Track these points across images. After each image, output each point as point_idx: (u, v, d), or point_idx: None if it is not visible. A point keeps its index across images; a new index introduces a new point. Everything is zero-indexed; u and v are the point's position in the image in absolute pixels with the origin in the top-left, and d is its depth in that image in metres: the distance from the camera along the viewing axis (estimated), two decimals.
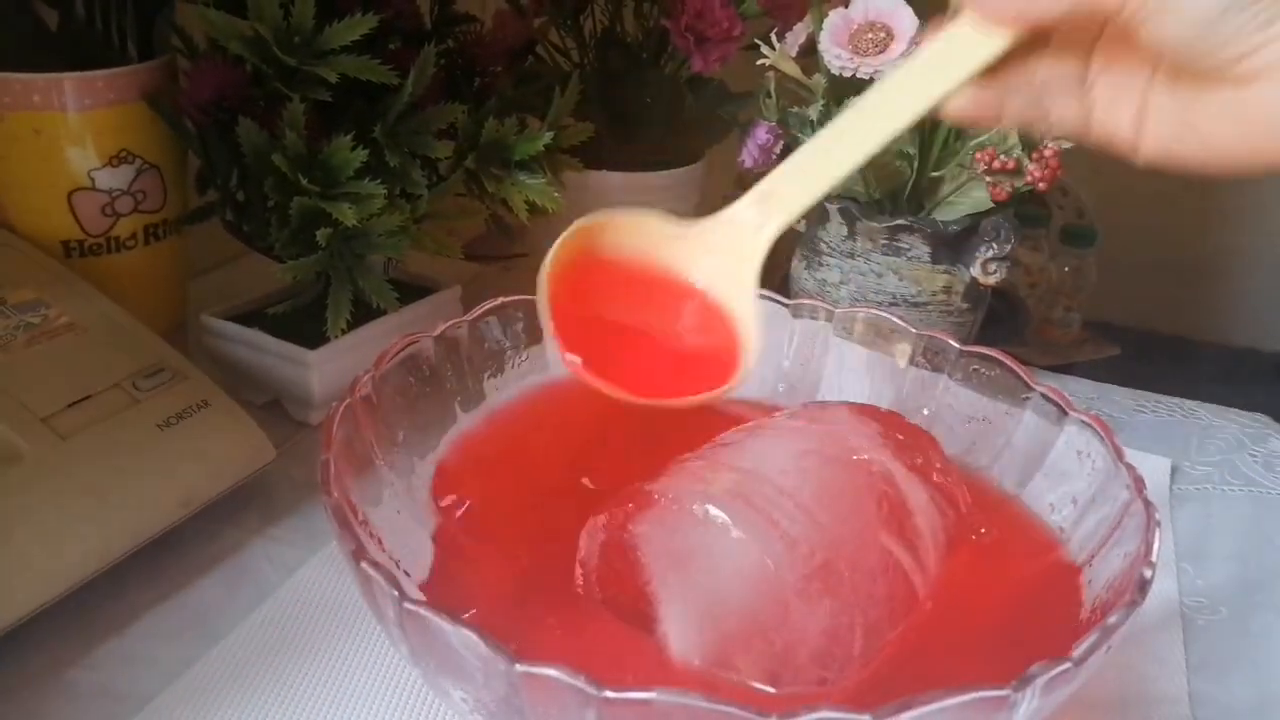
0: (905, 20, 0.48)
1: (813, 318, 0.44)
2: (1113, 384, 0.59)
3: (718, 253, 0.34)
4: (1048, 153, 0.48)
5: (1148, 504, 0.32)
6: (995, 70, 0.31)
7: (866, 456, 0.34)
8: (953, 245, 0.52)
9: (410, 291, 0.53)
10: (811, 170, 0.34)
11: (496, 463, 0.39)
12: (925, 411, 0.42)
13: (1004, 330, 0.64)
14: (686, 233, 0.35)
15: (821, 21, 0.49)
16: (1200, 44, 0.27)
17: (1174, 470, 0.50)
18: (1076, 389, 0.58)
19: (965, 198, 0.52)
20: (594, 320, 0.34)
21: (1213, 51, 0.27)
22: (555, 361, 0.42)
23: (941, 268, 0.53)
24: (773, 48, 0.52)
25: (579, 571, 0.32)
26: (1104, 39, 0.31)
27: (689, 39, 0.56)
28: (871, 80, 0.49)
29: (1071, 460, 0.37)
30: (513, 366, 0.42)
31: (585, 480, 0.37)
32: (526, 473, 0.38)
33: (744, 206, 0.34)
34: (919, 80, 0.32)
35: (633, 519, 0.31)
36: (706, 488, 0.32)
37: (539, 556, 0.34)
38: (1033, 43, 0.31)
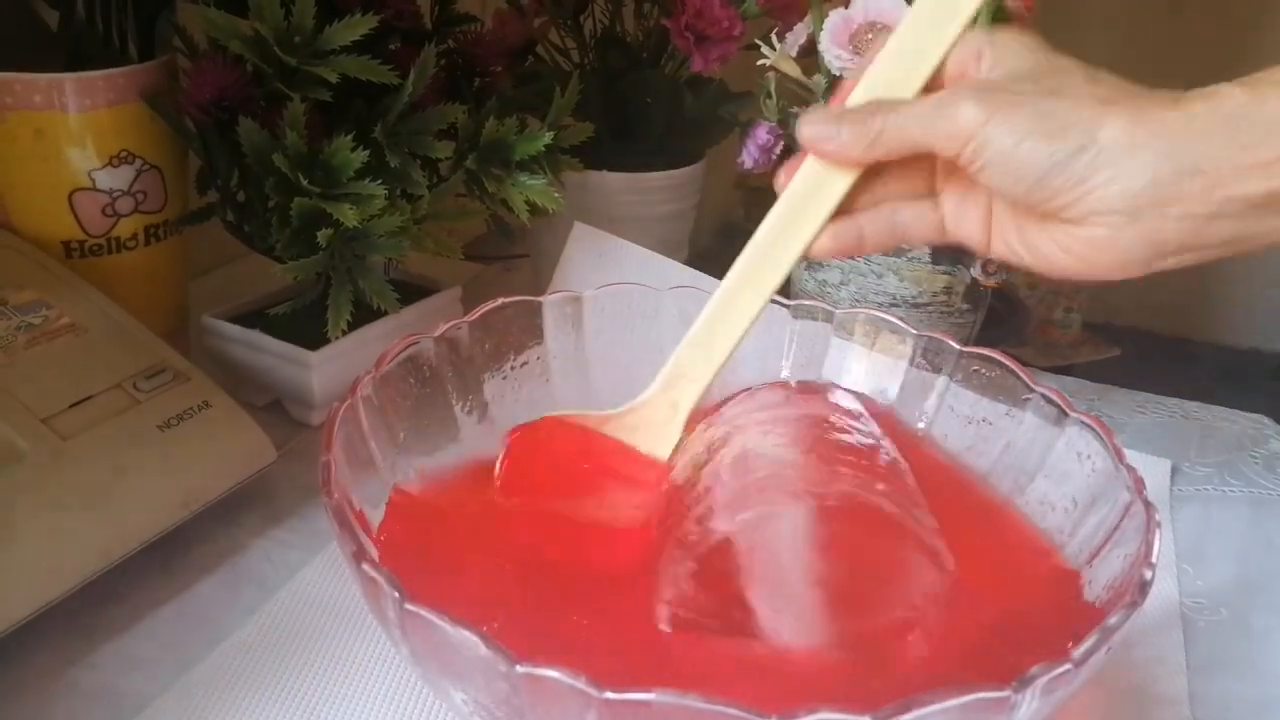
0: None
1: (813, 319, 0.44)
2: (1113, 385, 0.59)
3: (642, 436, 0.38)
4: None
5: (1148, 505, 0.32)
6: (849, 205, 0.34)
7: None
8: (953, 246, 0.52)
9: (411, 292, 0.54)
10: (709, 344, 0.37)
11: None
12: (925, 412, 0.42)
13: (1004, 331, 0.64)
14: (613, 424, 0.38)
15: (822, 21, 0.49)
16: (1028, 195, 0.30)
17: (1174, 471, 0.50)
18: (1077, 390, 0.58)
19: None
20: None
21: (1040, 201, 0.30)
22: (557, 373, 0.43)
23: (942, 268, 0.53)
24: (773, 48, 0.52)
25: (664, 611, 0.32)
26: (943, 163, 0.34)
27: (689, 39, 0.56)
28: None
29: (1072, 461, 0.37)
30: (513, 367, 0.42)
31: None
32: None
33: (658, 394, 0.37)
34: (782, 235, 0.35)
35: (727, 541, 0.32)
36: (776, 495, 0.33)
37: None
38: (878, 172, 0.34)
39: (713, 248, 0.74)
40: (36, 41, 0.50)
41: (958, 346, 0.41)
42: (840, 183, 0.34)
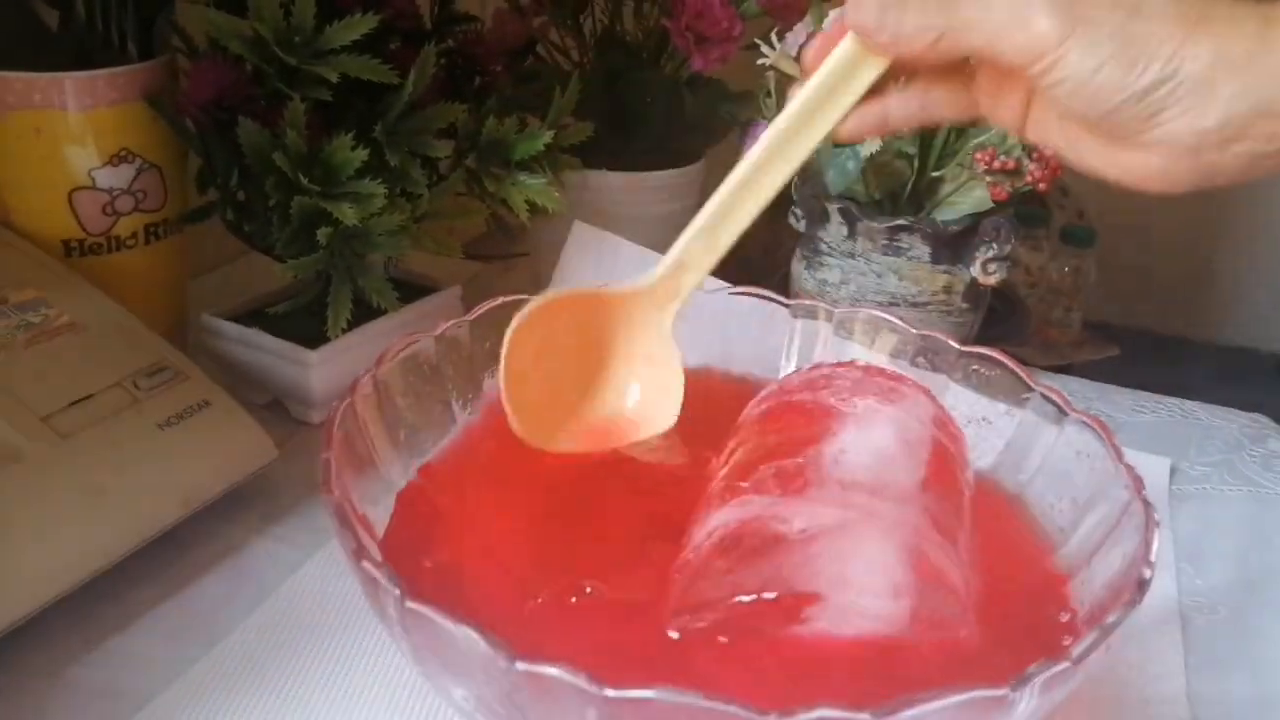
0: None
1: (813, 318, 0.44)
2: (1112, 384, 0.59)
3: (638, 320, 0.38)
4: (1048, 153, 0.49)
5: (1147, 504, 0.32)
6: (877, 87, 0.32)
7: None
8: (953, 245, 0.53)
9: (411, 291, 0.54)
10: (714, 235, 0.36)
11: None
12: None
13: (1004, 330, 0.64)
14: (613, 302, 0.38)
15: (821, 21, 0.49)
16: (1096, 118, 0.29)
17: (1173, 470, 0.50)
18: (1076, 389, 0.58)
19: (965, 198, 0.52)
20: (545, 393, 0.37)
21: (1104, 123, 0.29)
22: None
23: (941, 268, 0.53)
24: (773, 47, 0.52)
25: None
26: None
27: (689, 38, 0.56)
28: None
29: (1071, 460, 0.37)
30: None
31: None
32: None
33: (659, 282, 0.37)
34: (805, 122, 0.33)
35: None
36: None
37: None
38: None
39: None
40: (37, 41, 0.50)
41: (957, 346, 0.41)
42: (875, 69, 0.31)
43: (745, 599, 0.30)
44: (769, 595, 0.30)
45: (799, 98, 0.33)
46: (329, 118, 0.48)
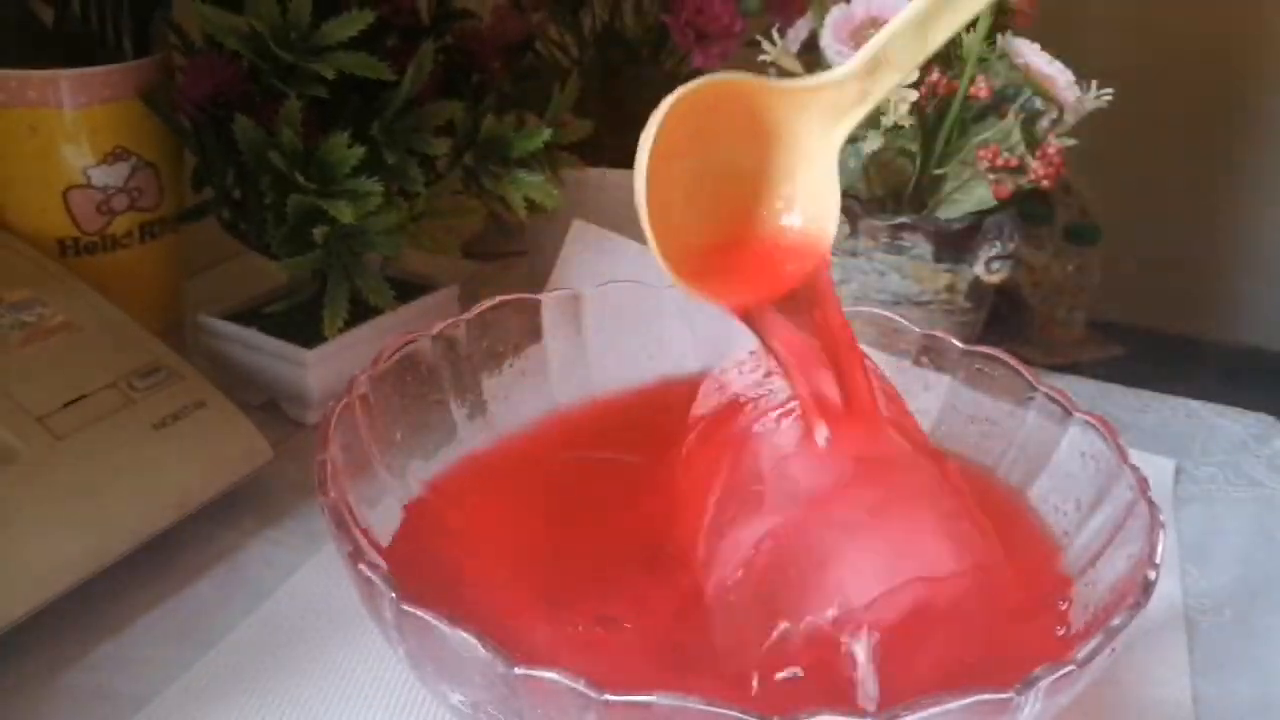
0: None
1: None
2: (1117, 384, 0.59)
3: (815, 117, 0.32)
4: (1051, 150, 0.48)
5: (1152, 505, 0.32)
6: None
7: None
8: (956, 244, 0.52)
9: (408, 290, 0.53)
10: (930, 24, 0.30)
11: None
12: (928, 411, 0.41)
13: (1007, 329, 0.63)
14: (784, 97, 0.31)
15: (823, 18, 0.49)
16: None
17: (1178, 471, 0.50)
18: (1080, 389, 0.58)
19: (968, 195, 0.52)
20: (689, 204, 0.31)
21: None
22: (556, 372, 0.42)
23: (944, 266, 0.52)
24: (774, 44, 0.52)
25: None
26: None
27: (689, 35, 0.56)
28: None
29: (1075, 461, 0.36)
30: (511, 366, 0.42)
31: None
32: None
33: (853, 77, 0.31)
34: None
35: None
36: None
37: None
38: None
39: None
40: (31, 37, 0.50)
41: (960, 345, 0.41)
42: None
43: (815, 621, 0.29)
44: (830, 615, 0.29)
45: None
46: (325, 115, 0.47)
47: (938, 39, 0.31)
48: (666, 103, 0.29)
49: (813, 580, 0.30)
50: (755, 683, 0.29)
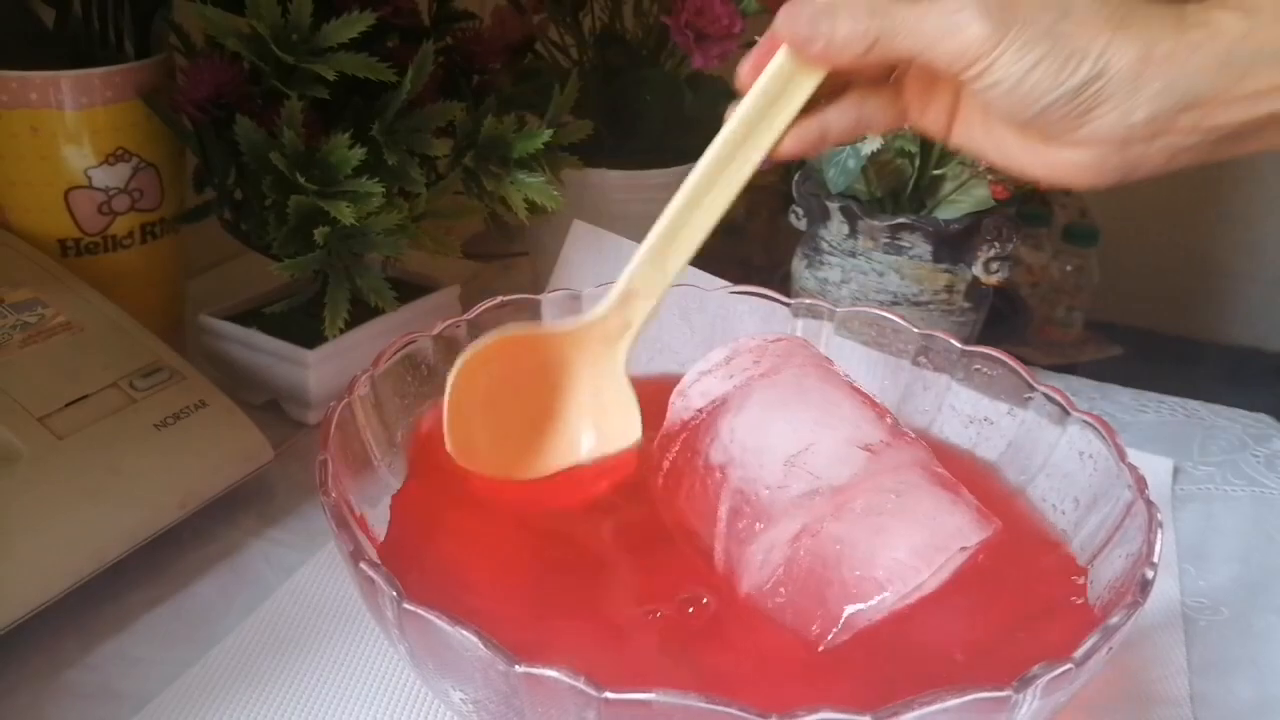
0: None
1: (814, 317, 0.44)
2: (1115, 384, 0.59)
3: (589, 359, 0.37)
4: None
5: (1150, 504, 0.32)
6: (813, 102, 0.32)
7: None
8: (954, 244, 0.52)
9: (408, 290, 0.53)
10: (663, 260, 0.35)
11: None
12: (927, 411, 0.41)
13: (1006, 330, 0.63)
14: (560, 340, 0.37)
15: None
16: (1026, 120, 0.29)
17: (1176, 470, 0.50)
18: (1079, 389, 0.58)
19: (967, 196, 0.52)
20: (493, 439, 0.36)
21: (1034, 124, 0.29)
22: None
23: (943, 266, 0.53)
24: None
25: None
26: (914, 67, 0.32)
27: (689, 36, 0.56)
28: None
29: (1074, 460, 0.36)
30: None
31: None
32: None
33: (611, 312, 0.36)
34: (744, 141, 0.33)
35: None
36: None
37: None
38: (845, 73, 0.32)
39: (712, 246, 0.74)
40: (33, 39, 0.50)
41: (959, 345, 0.41)
42: (811, 81, 0.32)
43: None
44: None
45: (736, 116, 0.33)
46: (326, 116, 0.47)
47: (676, 266, 0.35)
48: (460, 360, 0.34)
49: (858, 568, 0.31)
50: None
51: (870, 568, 0.31)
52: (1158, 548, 0.30)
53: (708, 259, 0.54)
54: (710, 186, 0.34)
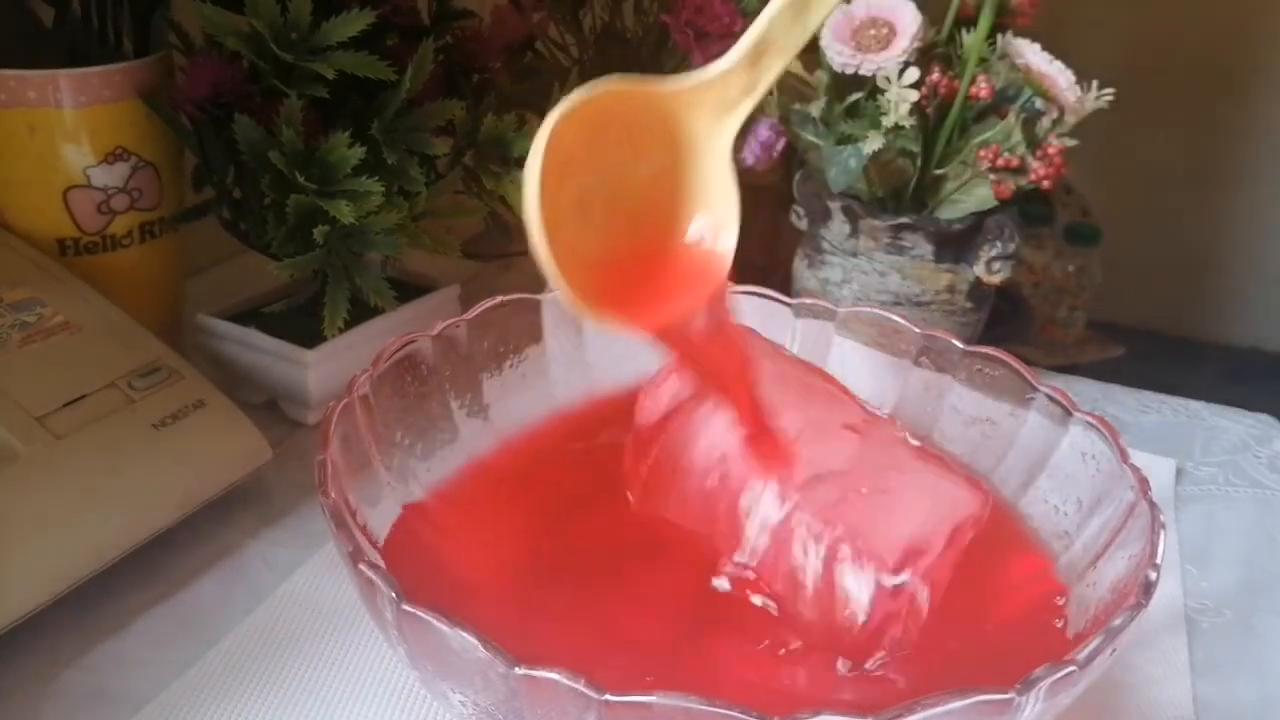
0: (907, 16, 0.48)
1: (815, 317, 0.44)
2: (1117, 384, 0.59)
3: (705, 114, 0.30)
4: (1052, 150, 0.48)
5: (1152, 505, 0.32)
6: None
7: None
8: (956, 244, 0.52)
9: (408, 290, 0.53)
10: (802, 10, 0.29)
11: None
12: (928, 412, 0.41)
13: (1008, 330, 0.63)
14: (667, 99, 0.30)
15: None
16: None
17: (1179, 471, 0.50)
18: (1081, 389, 0.58)
19: (969, 196, 0.52)
20: (581, 221, 0.29)
21: None
22: (556, 372, 0.42)
23: (945, 266, 0.52)
24: None
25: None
26: None
27: (689, 34, 0.56)
28: (873, 77, 0.48)
29: (1076, 461, 0.36)
30: (511, 366, 0.42)
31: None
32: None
33: (738, 68, 0.30)
34: None
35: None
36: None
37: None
38: None
39: None
40: (31, 37, 0.50)
41: (961, 345, 0.41)
42: None
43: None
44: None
45: None
46: (326, 115, 0.47)
47: (815, 20, 0.30)
48: (554, 114, 0.28)
49: (874, 546, 0.31)
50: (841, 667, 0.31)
51: (882, 549, 0.31)
52: (1160, 549, 0.30)
53: None
54: None
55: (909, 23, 0.47)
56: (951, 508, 0.32)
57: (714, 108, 0.30)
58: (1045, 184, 0.49)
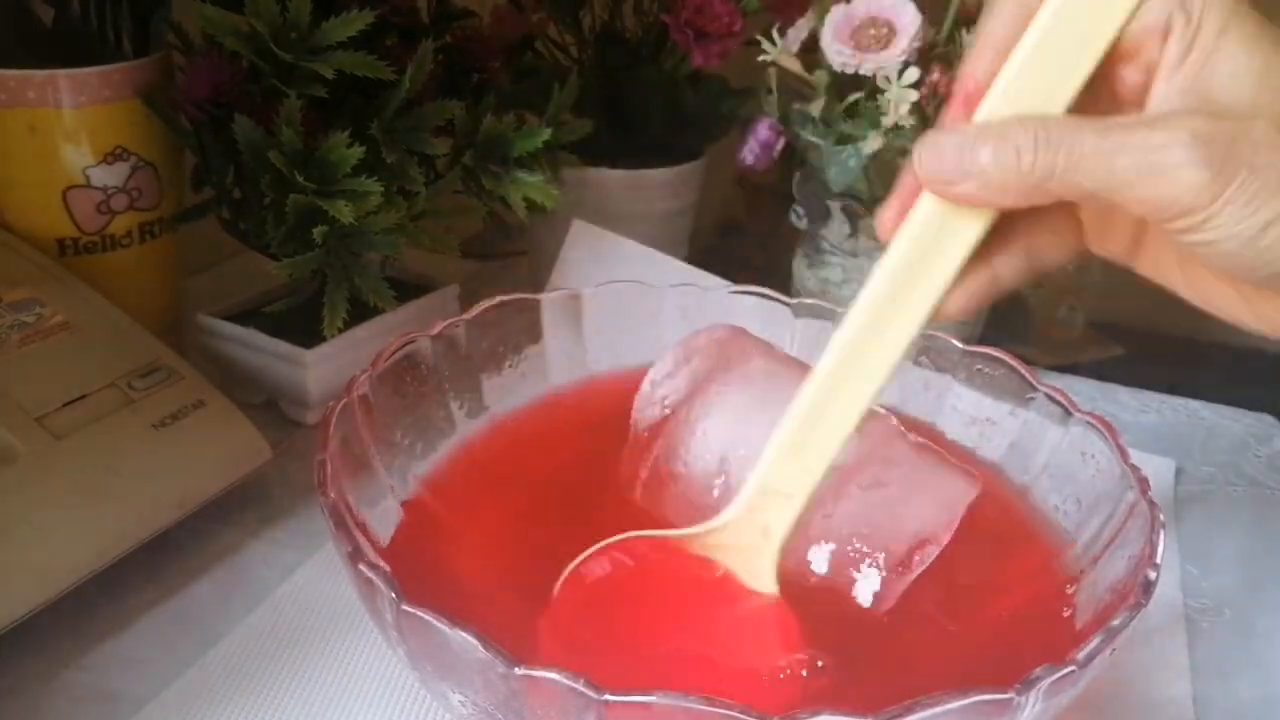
0: (907, 16, 0.48)
1: (815, 317, 0.44)
2: (1117, 384, 0.59)
3: (731, 559, 0.31)
4: None
5: (1152, 505, 0.32)
6: (981, 250, 0.26)
7: None
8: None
9: (407, 290, 0.53)
10: (804, 450, 0.28)
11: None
12: (929, 411, 0.41)
13: (1007, 329, 0.63)
14: (699, 540, 0.31)
15: (824, 17, 0.49)
16: (1250, 280, 0.24)
17: (1178, 471, 0.50)
18: (1080, 389, 0.58)
19: None
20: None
21: (1258, 281, 0.24)
22: (555, 372, 0.42)
23: None
24: (774, 43, 0.51)
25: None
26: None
27: (689, 34, 0.56)
28: (873, 77, 0.48)
29: (1075, 461, 0.36)
30: (511, 366, 0.42)
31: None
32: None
33: (742, 516, 0.30)
34: (894, 304, 0.26)
35: None
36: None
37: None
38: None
39: (713, 245, 0.73)
40: (31, 37, 0.50)
41: (960, 345, 0.41)
42: (972, 229, 0.25)
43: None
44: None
45: (881, 273, 0.26)
46: (325, 115, 0.47)
47: (823, 458, 0.28)
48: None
49: (891, 534, 0.32)
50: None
51: (898, 536, 0.32)
52: (1160, 549, 0.30)
53: (708, 258, 0.54)
54: (855, 363, 0.28)
55: (909, 22, 0.47)
56: (961, 499, 0.34)
57: (736, 554, 0.30)
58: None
